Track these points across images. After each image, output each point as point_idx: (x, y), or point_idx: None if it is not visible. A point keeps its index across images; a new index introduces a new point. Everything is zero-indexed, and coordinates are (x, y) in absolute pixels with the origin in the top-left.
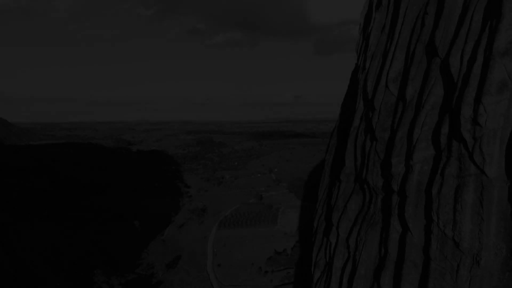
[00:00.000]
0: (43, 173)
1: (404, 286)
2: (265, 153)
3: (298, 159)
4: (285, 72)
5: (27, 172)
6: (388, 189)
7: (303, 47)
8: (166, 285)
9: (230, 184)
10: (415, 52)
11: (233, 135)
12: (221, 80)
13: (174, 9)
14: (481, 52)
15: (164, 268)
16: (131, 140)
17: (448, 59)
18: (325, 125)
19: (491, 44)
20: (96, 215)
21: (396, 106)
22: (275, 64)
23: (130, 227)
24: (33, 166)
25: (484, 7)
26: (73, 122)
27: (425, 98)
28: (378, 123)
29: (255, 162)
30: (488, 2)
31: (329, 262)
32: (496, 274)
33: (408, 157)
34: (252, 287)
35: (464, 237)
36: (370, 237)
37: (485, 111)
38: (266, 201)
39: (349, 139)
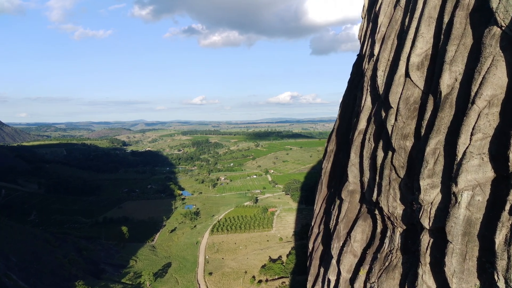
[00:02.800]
0: (33, 174)
1: None
2: (261, 153)
3: (294, 160)
4: (281, 72)
5: (16, 174)
6: (412, 221)
7: (300, 47)
8: None
9: (225, 186)
10: (453, 22)
11: (229, 136)
12: (218, 80)
13: (170, 9)
14: None
15: (152, 278)
16: (126, 140)
17: None
18: (322, 125)
19: None
20: (84, 218)
21: (424, 103)
22: (272, 64)
23: (119, 232)
24: (23, 167)
25: None
26: (69, 122)
27: (476, 90)
28: (396, 126)
29: (251, 163)
30: None
31: None
32: None
33: (448, 179)
34: None
35: None
36: (385, 286)
37: None
38: (261, 204)
39: (353, 146)
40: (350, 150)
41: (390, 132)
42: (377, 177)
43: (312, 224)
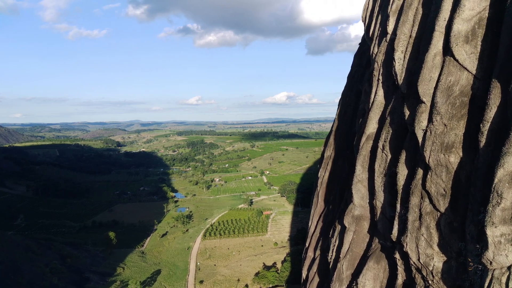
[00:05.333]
0: (22, 176)
1: None
2: (257, 154)
3: (290, 160)
4: (278, 72)
5: (4, 176)
6: (463, 284)
7: (296, 47)
8: None
9: (220, 188)
10: None
11: (225, 136)
12: (214, 80)
13: (164, 8)
14: None
15: (140, 286)
16: (120, 141)
17: None
18: (318, 125)
19: None
20: (73, 222)
21: (480, 94)
22: (268, 64)
23: (107, 237)
24: (12, 169)
25: None
26: (64, 122)
27: None
28: (432, 131)
29: (247, 164)
30: None
31: None
32: None
33: None
34: None
35: None
36: None
37: None
38: (256, 206)
39: (359, 156)
40: (356, 161)
41: (420, 140)
42: (398, 205)
43: (307, 245)
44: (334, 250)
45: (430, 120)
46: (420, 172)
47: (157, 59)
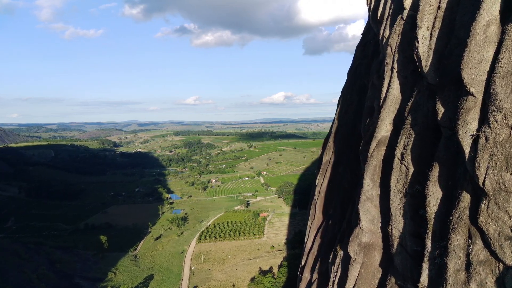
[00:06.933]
0: (14, 178)
1: None
2: (254, 154)
3: (288, 161)
4: (275, 72)
5: None
6: None
7: (293, 47)
8: None
9: (216, 189)
10: None
11: (222, 136)
12: (211, 80)
13: (161, 8)
14: None
15: None
16: (117, 141)
17: None
18: (316, 125)
19: None
20: (65, 225)
21: None
22: (266, 64)
23: (99, 241)
24: (5, 170)
25: None
26: (61, 123)
27: None
28: (489, 138)
29: (244, 165)
30: None
31: None
32: None
33: None
34: None
35: None
36: None
37: None
38: (253, 208)
39: (368, 167)
40: (363, 172)
41: (467, 151)
42: (429, 241)
43: (302, 263)
44: (336, 282)
45: (484, 120)
46: (466, 197)
47: (154, 59)
